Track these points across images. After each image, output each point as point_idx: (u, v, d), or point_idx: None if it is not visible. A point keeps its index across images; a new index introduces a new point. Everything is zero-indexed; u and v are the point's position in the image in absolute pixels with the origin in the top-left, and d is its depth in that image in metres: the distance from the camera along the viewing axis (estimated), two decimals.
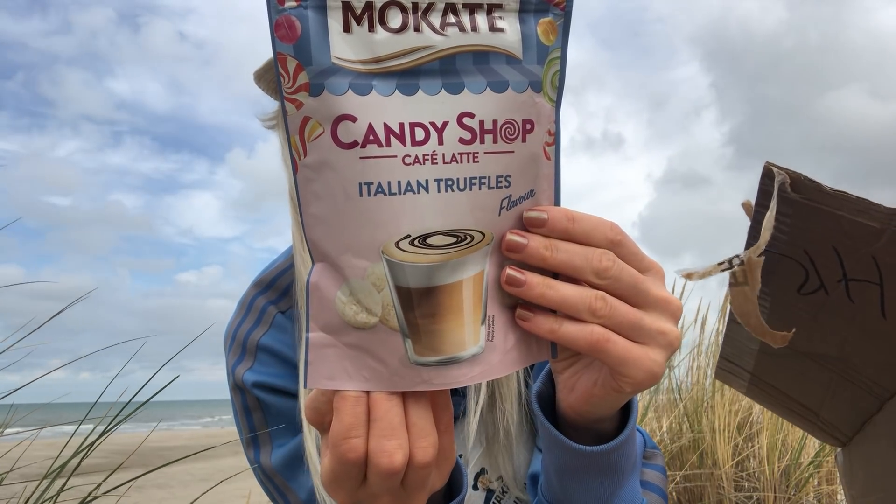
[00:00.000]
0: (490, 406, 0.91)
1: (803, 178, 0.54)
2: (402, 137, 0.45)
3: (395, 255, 0.47)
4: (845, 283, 0.64)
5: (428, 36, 0.45)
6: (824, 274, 0.64)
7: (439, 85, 0.46)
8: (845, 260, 0.61)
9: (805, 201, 0.56)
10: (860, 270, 0.62)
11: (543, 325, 0.51)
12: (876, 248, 0.59)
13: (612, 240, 0.51)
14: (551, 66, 0.49)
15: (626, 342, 0.51)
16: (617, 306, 0.51)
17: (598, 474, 0.64)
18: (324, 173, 0.46)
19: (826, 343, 0.75)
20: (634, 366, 0.51)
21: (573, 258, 0.50)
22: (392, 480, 0.50)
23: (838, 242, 0.59)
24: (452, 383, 0.50)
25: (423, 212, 0.46)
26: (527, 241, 0.50)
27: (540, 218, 0.50)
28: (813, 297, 0.67)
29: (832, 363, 0.79)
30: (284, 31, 0.44)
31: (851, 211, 0.56)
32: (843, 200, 0.55)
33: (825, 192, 0.55)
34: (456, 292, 0.49)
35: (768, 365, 0.88)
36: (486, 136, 0.47)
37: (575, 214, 0.51)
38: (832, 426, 0.94)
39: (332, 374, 0.49)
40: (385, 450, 0.48)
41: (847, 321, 0.69)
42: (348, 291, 0.48)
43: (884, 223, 0.56)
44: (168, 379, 1.31)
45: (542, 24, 0.48)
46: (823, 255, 0.62)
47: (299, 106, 0.45)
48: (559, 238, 0.51)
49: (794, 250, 0.62)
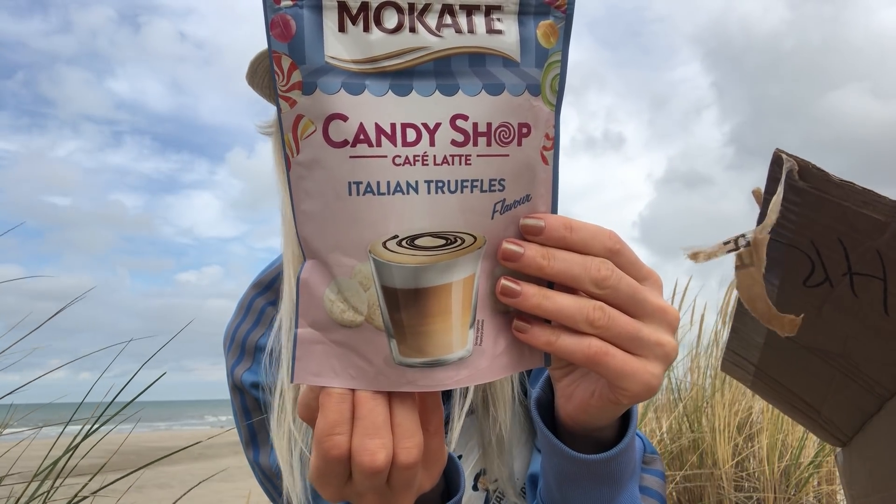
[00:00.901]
0: (484, 412, 0.91)
1: (811, 166, 0.54)
2: (393, 138, 0.45)
3: (381, 254, 0.47)
4: (850, 277, 0.63)
5: (423, 37, 0.45)
6: (830, 266, 0.63)
7: (433, 86, 0.45)
8: (850, 253, 0.61)
9: (812, 190, 0.55)
10: (865, 264, 0.61)
11: (540, 338, 0.50)
12: (880, 242, 0.58)
13: (611, 249, 0.50)
14: (551, 70, 0.49)
15: (624, 355, 0.50)
16: (615, 317, 0.50)
17: (598, 482, 0.64)
18: (315, 171, 0.46)
19: (829, 338, 0.74)
20: (632, 379, 0.51)
21: (571, 267, 0.49)
22: (375, 479, 0.49)
23: (844, 234, 0.59)
24: (437, 385, 0.49)
25: (412, 213, 0.46)
26: (523, 249, 0.49)
27: (537, 226, 0.49)
28: (818, 289, 0.67)
29: (835, 359, 0.78)
30: (280, 30, 0.44)
31: (857, 202, 0.56)
32: (848, 191, 0.55)
33: (832, 182, 0.54)
34: (444, 295, 0.48)
35: (773, 359, 0.88)
36: (480, 139, 0.46)
37: (573, 223, 0.50)
38: (833, 425, 0.94)
39: (319, 371, 0.49)
40: (367, 448, 0.48)
41: (850, 316, 0.69)
42: (336, 289, 0.48)
43: (888, 216, 0.56)
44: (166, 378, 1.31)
45: (542, 26, 0.48)
46: (829, 246, 0.61)
47: (293, 104, 0.45)
48: (556, 247, 0.50)
49: (801, 240, 0.62)
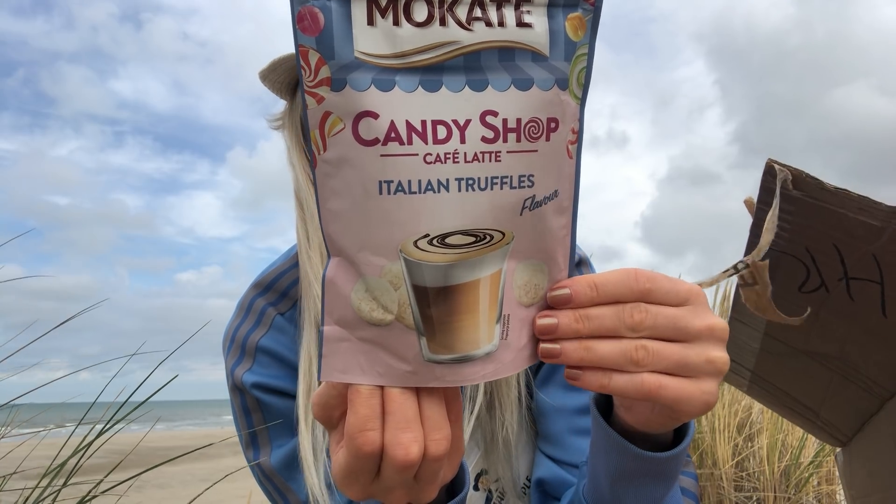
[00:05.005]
0: (489, 413, 0.91)
1: (805, 175, 0.54)
2: (423, 135, 0.44)
3: (413, 254, 0.46)
4: (846, 282, 0.63)
5: (453, 31, 0.44)
6: (825, 272, 0.63)
7: (463, 82, 0.44)
8: (846, 258, 0.61)
9: (806, 198, 0.55)
10: (861, 269, 0.62)
11: (594, 382, 0.51)
12: (877, 247, 0.58)
13: (641, 290, 0.51)
14: (578, 63, 0.48)
15: (677, 383, 0.51)
16: (659, 350, 0.51)
17: (655, 479, 0.64)
18: (343, 170, 0.45)
19: (826, 342, 0.75)
20: (689, 403, 0.52)
21: (605, 322, 0.50)
22: (407, 473, 0.50)
23: (839, 240, 0.59)
24: (464, 381, 0.50)
25: (443, 211, 0.45)
26: (556, 320, 0.51)
27: (564, 296, 0.51)
28: (814, 295, 0.67)
29: (832, 362, 0.78)
30: (307, 23, 0.43)
31: (852, 209, 0.56)
32: (844, 198, 0.55)
33: (826, 190, 0.54)
34: (472, 291, 0.48)
35: (770, 364, 0.88)
36: (510, 135, 0.45)
37: (596, 280, 0.51)
38: (832, 426, 0.94)
39: (346, 368, 0.49)
40: (401, 442, 0.48)
41: (848, 320, 0.69)
42: (364, 288, 0.48)
43: (884, 221, 0.56)
44: (167, 378, 1.31)
45: (570, 19, 0.47)
46: (824, 252, 0.62)
47: (320, 100, 0.44)
48: (587, 307, 0.51)
49: (795, 248, 0.62)
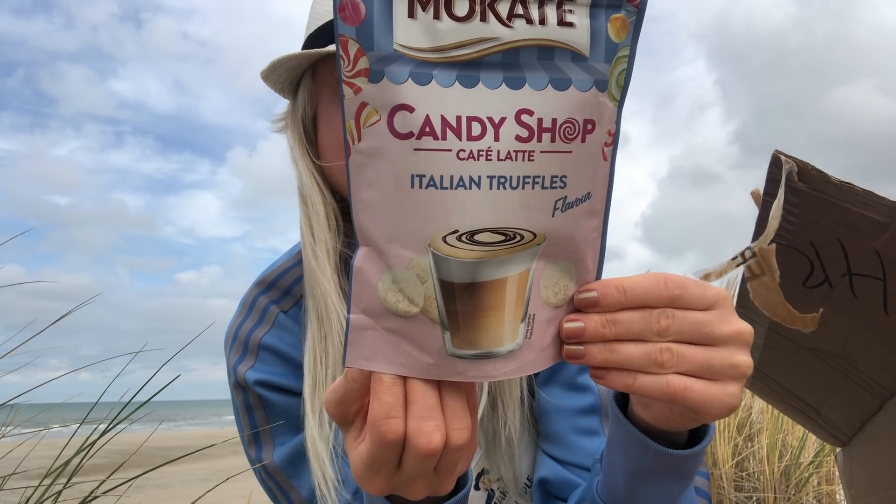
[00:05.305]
0: (492, 413, 0.91)
1: (810, 167, 0.54)
2: (458, 131, 0.44)
3: (441, 249, 0.46)
4: (849, 278, 0.63)
5: (493, 27, 0.44)
6: (829, 267, 0.63)
7: (500, 79, 0.44)
8: (850, 254, 0.61)
9: (812, 191, 0.55)
10: (864, 265, 0.62)
11: (618, 382, 0.51)
12: (880, 243, 0.58)
13: (670, 296, 0.51)
14: (618, 65, 0.47)
15: (702, 385, 0.51)
16: (684, 353, 0.51)
17: (672, 476, 0.64)
18: (377, 161, 0.45)
19: (829, 338, 0.75)
20: (712, 405, 0.52)
21: (632, 326, 0.51)
22: (429, 462, 0.50)
23: (843, 235, 0.59)
24: (486, 377, 0.50)
25: (474, 208, 0.45)
26: (584, 324, 0.51)
27: (591, 298, 0.51)
28: (817, 290, 0.67)
29: (835, 360, 0.78)
30: (348, 13, 0.43)
31: (856, 203, 0.56)
32: (848, 192, 0.55)
33: (831, 183, 0.54)
34: (499, 289, 0.48)
35: (773, 360, 0.88)
36: (544, 135, 0.45)
37: (625, 283, 0.51)
38: (833, 425, 0.94)
39: (371, 356, 0.49)
40: (424, 431, 0.48)
41: (850, 316, 0.69)
42: (391, 279, 0.48)
43: (888, 217, 0.56)
44: (168, 379, 1.31)
45: (613, 20, 0.46)
46: (829, 247, 0.61)
47: (357, 91, 0.44)
48: (615, 310, 0.51)
49: (800, 241, 0.62)
